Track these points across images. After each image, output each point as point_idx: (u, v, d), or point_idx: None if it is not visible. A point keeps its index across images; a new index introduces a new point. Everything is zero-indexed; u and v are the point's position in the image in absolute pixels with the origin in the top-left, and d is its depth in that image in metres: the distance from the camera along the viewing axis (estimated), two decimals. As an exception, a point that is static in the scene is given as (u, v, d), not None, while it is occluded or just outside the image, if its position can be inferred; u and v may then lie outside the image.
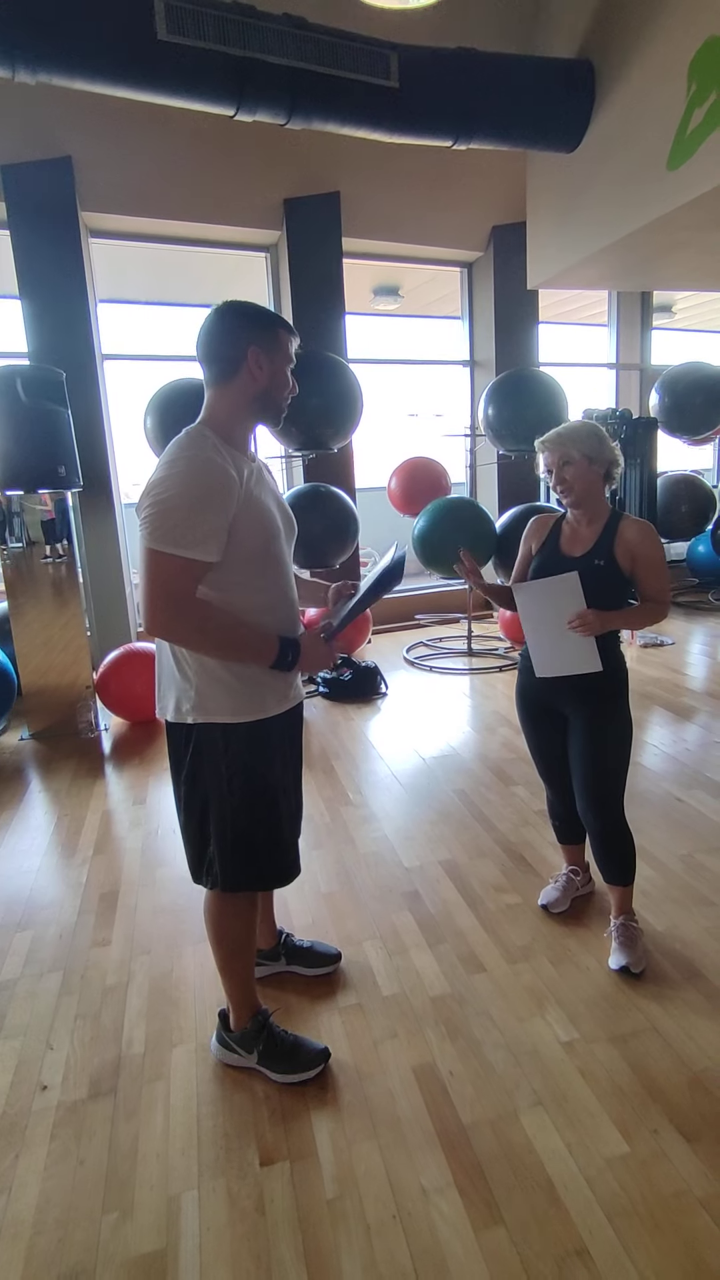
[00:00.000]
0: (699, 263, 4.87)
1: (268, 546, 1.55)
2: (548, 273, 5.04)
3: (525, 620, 2.04)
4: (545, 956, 2.12)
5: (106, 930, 2.36)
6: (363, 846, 2.80)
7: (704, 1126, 1.57)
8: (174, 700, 1.57)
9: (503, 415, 5.23)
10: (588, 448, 1.93)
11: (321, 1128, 1.62)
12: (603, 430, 1.97)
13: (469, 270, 6.38)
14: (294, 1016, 1.95)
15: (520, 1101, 1.65)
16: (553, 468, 1.96)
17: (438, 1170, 1.50)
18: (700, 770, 3.29)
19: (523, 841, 2.77)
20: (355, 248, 5.63)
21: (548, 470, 1.98)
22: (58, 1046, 1.88)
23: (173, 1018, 1.96)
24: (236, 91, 3.54)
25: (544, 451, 1.97)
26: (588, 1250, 1.33)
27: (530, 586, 2.00)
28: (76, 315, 4.76)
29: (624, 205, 4.17)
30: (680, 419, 6.08)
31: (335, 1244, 1.37)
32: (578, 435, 1.94)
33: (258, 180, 5.07)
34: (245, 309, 1.53)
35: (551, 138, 4.38)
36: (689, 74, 3.58)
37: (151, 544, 1.40)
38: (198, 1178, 1.51)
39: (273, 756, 1.63)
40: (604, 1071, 1.72)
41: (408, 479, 5.70)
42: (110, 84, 3.39)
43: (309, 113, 3.74)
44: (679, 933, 2.20)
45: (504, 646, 5.51)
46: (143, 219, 5.00)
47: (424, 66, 3.86)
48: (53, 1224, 1.43)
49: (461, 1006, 1.95)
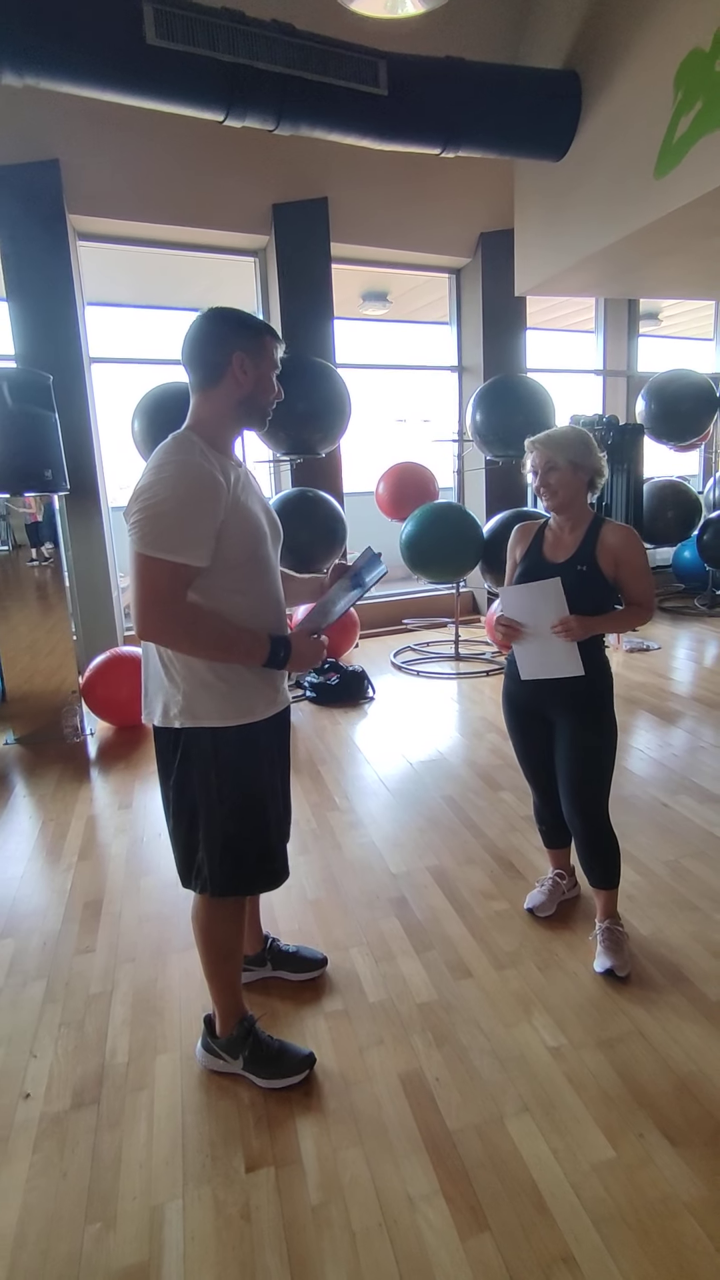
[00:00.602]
0: (685, 270, 4.92)
1: (254, 551, 1.56)
2: (535, 279, 5.07)
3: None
4: (532, 962, 2.13)
5: (91, 938, 2.34)
6: (350, 852, 2.79)
7: (690, 1131, 1.57)
8: (161, 705, 1.56)
9: (490, 421, 5.26)
10: (575, 454, 1.95)
11: (307, 1134, 1.61)
12: (592, 439, 1.99)
13: (457, 276, 6.41)
14: (280, 1022, 1.94)
15: (507, 1108, 1.65)
16: (538, 469, 1.97)
17: (424, 1177, 1.50)
18: (686, 775, 3.31)
19: (510, 847, 2.77)
20: (344, 253, 5.64)
21: (533, 471, 1.99)
22: (41, 1056, 1.86)
23: (157, 1026, 1.94)
24: (226, 97, 3.55)
25: (533, 452, 1.98)
26: (574, 1257, 1.33)
27: (514, 591, 2.01)
28: (64, 318, 4.74)
29: (611, 213, 4.20)
30: (666, 425, 6.13)
31: (321, 1251, 1.36)
32: (567, 441, 1.95)
33: (246, 185, 5.07)
34: (231, 315, 1.53)
35: (539, 146, 4.42)
36: (674, 83, 3.62)
37: (141, 549, 1.40)
38: (182, 1186, 1.50)
39: (261, 761, 1.63)
40: (590, 1077, 1.72)
41: (396, 484, 5.70)
42: (98, 88, 3.38)
43: (298, 119, 3.75)
44: (664, 937, 2.21)
45: (491, 651, 5.53)
46: (131, 222, 4.98)
47: (412, 75, 3.88)
48: (35, 1237, 1.41)
49: (448, 1013, 1.94)
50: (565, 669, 1.97)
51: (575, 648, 1.94)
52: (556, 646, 1.95)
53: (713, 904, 2.36)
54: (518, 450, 5.31)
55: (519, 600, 2.00)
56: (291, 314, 5.45)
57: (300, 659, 1.59)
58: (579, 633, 1.90)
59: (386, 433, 6.33)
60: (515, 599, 2.01)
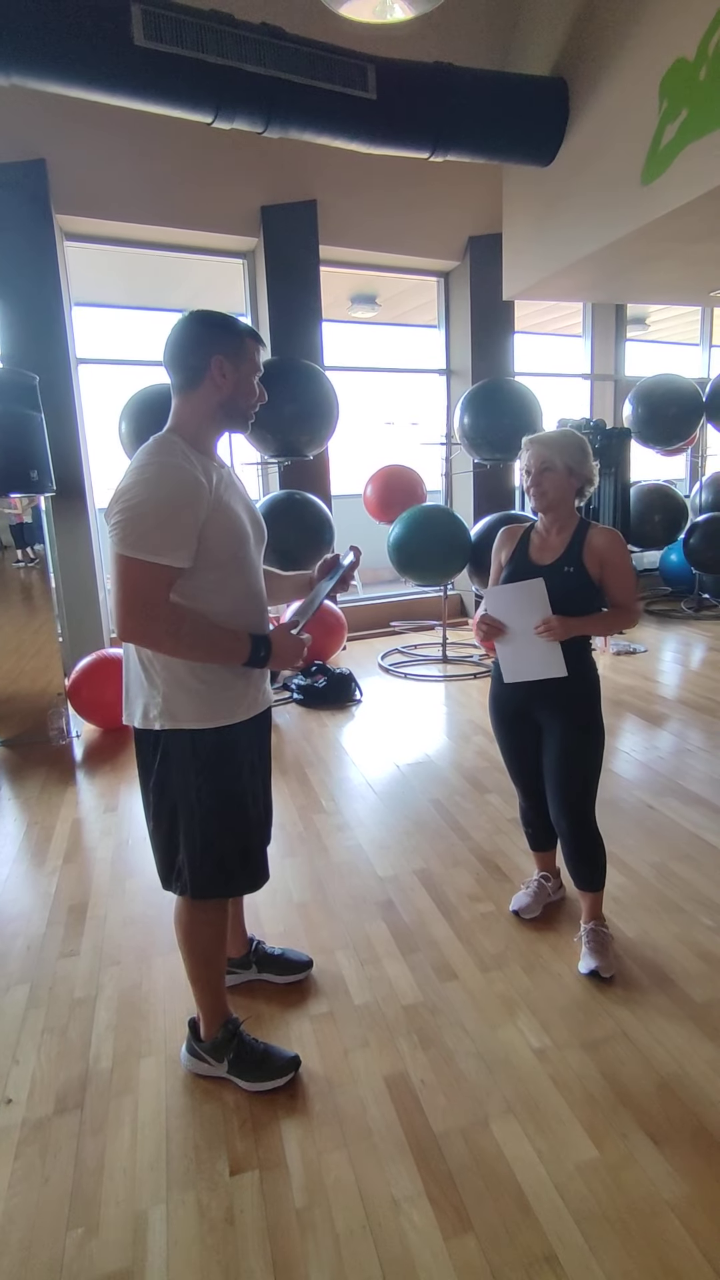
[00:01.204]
0: (672, 276, 4.96)
1: (236, 551, 1.56)
2: (523, 284, 5.10)
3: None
4: (518, 964, 2.13)
5: (75, 941, 2.32)
6: (336, 855, 2.79)
7: (672, 1130, 1.58)
8: (141, 706, 1.56)
9: (478, 424, 5.27)
10: (571, 459, 1.96)
11: (291, 1137, 1.60)
12: (588, 445, 2.01)
13: (445, 280, 6.43)
14: (265, 1025, 1.93)
15: (491, 1109, 1.65)
16: (532, 469, 1.98)
17: (408, 1179, 1.50)
18: (672, 778, 3.33)
19: (497, 850, 2.78)
20: (332, 256, 5.65)
21: (526, 470, 2.00)
22: (23, 1061, 1.84)
23: (141, 1030, 1.93)
24: (214, 99, 3.55)
25: (529, 450, 1.99)
26: (556, 1256, 1.33)
27: (497, 591, 2.03)
28: (50, 318, 4.71)
29: (598, 218, 4.23)
30: (653, 430, 6.17)
31: (305, 1254, 1.36)
32: (565, 444, 1.97)
33: (235, 187, 5.07)
34: (212, 318, 1.53)
35: (527, 151, 4.44)
36: (660, 92, 3.66)
37: (122, 550, 1.40)
38: (166, 1191, 1.49)
39: (241, 763, 1.63)
40: (575, 1078, 1.73)
41: (383, 487, 5.71)
42: (85, 88, 3.37)
43: (286, 122, 3.75)
44: (649, 939, 2.22)
45: (478, 654, 5.54)
46: (118, 223, 4.97)
47: (401, 79, 3.89)
48: (16, 1243, 1.40)
49: (434, 1015, 1.95)
50: (547, 670, 1.98)
51: (558, 648, 1.95)
52: (539, 647, 1.96)
53: (698, 906, 2.37)
54: (505, 453, 5.34)
55: (502, 600, 2.01)
56: (280, 316, 5.46)
57: (281, 656, 1.58)
58: (561, 633, 1.91)
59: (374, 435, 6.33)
60: (499, 599, 2.02)
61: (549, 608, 1.92)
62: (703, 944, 2.18)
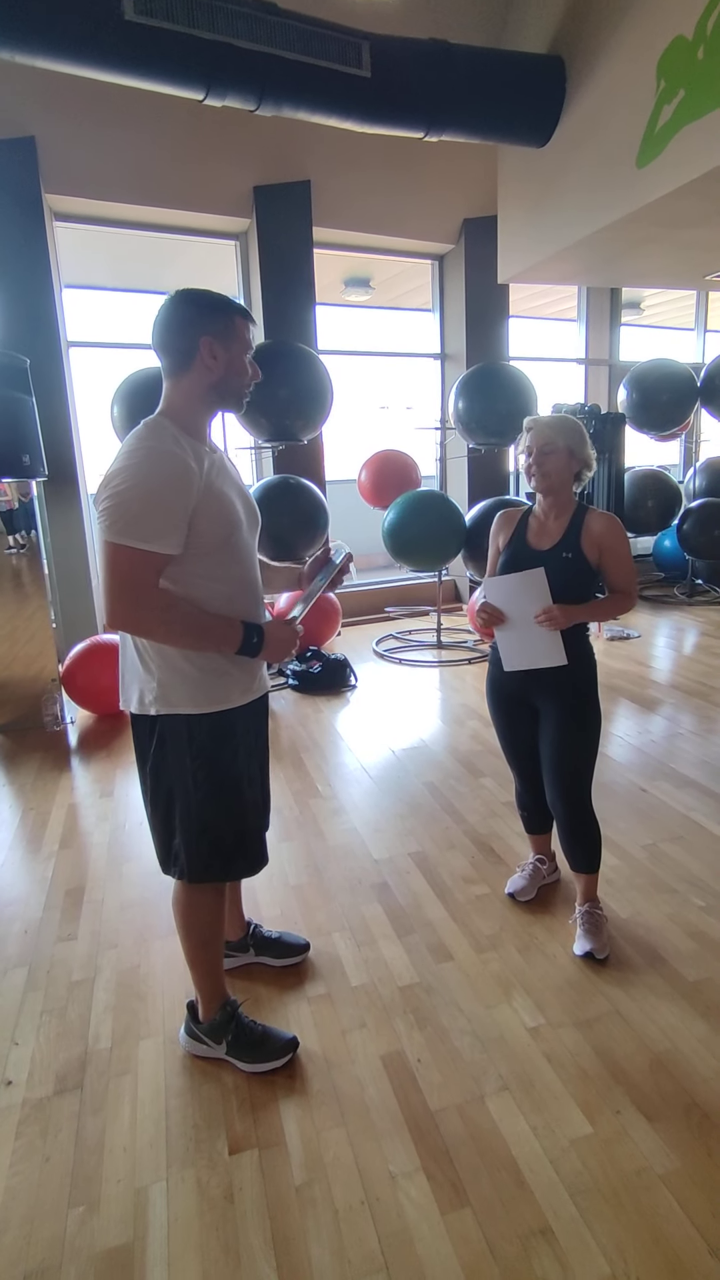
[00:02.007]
0: (667, 260, 4.93)
1: (229, 537, 1.54)
2: (518, 267, 5.07)
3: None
4: (512, 945, 2.15)
5: (73, 925, 2.33)
6: (332, 839, 2.80)
7: (664, 1106, 1.61)
8: (137, 692, 1.56)
9: (473, 409, 5.25)
10: (573, 441, 1.97)
11: (290, 1116, 1.62)
12: (586, 432, 2.01)
13: (440, 263, 6.38)
14: (263, 1007, 1.95)
15: (487, 1087, 1.67)
16: (533, 450, 1.97)
17: (405, 1155, 1.52)
18: (664, 761, 3.36)
19: (491, 833, 2.80)
20: (326, 237, 5.59)
21: (527, 452, 1.99)
22: (23, 1042, 1.86)
23: (140, 1012, 1.95)
24: (206, 75, 3.49)
25: (530, 431, 1.98)
26: (551, 1229, 1.36)
27: (497, 581, 2.02)
28: (40, 301, 4.65)
29: (593, 201, 4.20)
30: (647, 415, 6.16)
31: (304, 1229, 1.38)
32: (567, 428, 1.97)
33: (227, 166, 5.00)
34: (198, 297, 1.50)
35: (522, 132, 4.40)
36: (658, 72, 3.62)
37: (110, 537, 1.38)
38: (166, 1169, 1.51)
39: (237, 748, 1.63)
40: (569, 1055, 1.75)
41: (378, 472, 5.69)
42: (74, 63, 3.31)
43: (279, 99, 3.70)
44: (642, 919, 2.25)
45: (473, 639, 5.55)
46: (109, 203, 4.90)
47: (396, 57, 3.84)
48: (18, 1220, 1.42)
49: (430, 995, 1.97)
50: (548, 659, 1.98)
51: (558, 637, 1.95)
52: (539, 636, 1.96)
53: (690, 887, 2.40)
54: (500, 438, 5.32)
55: (503, 590, 2.01)
56: (273, 299, 5.40)
57: (275, 647, 1.57)
58: (562, 622, 1.92)
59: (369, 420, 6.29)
60: (499, 589, 2.02)
61: (550, 597, 1.93)
62: (694, 923, 2.21)
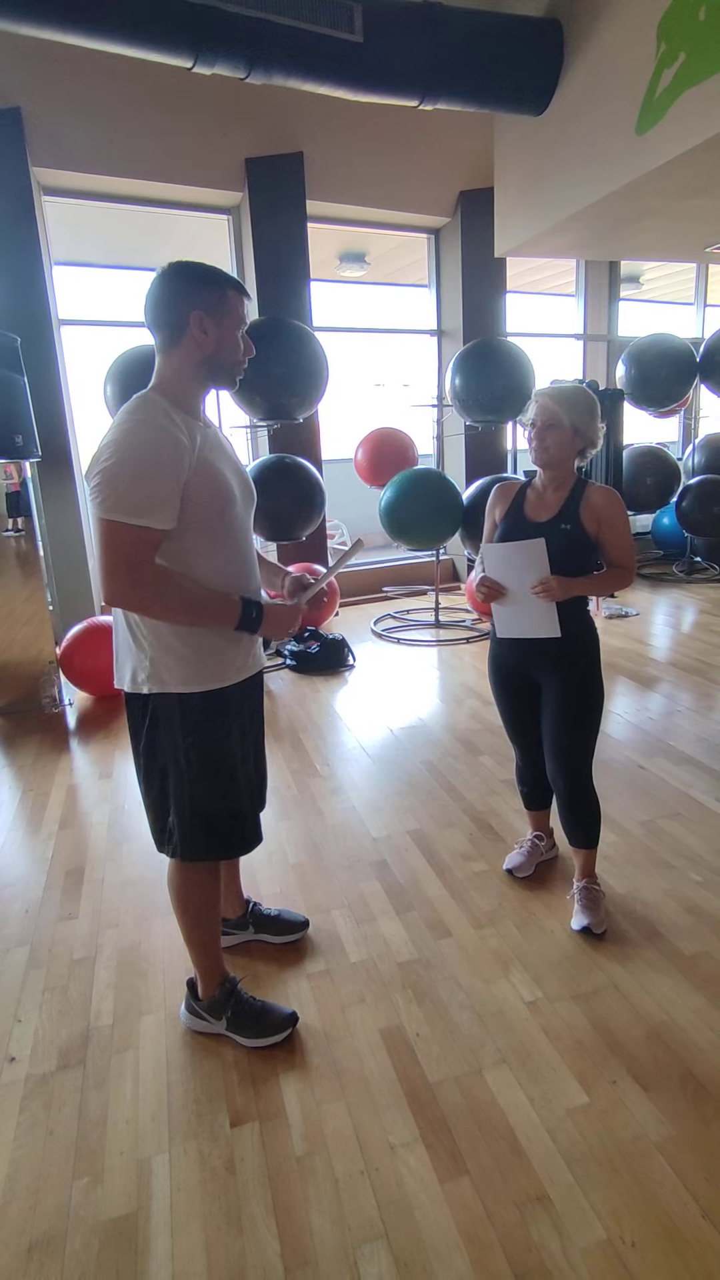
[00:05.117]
0: (667, 231, 4.85)
1: (223, 513, 1.52)
2: (515, 240, 4.98)
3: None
4: (510, 920, 2.17)
5: (73, 904, 2.35)
6: (331, 817, 2.82)
7: (660, 1076, 1.63)
8: (130, 670, 1.55)
9: (470, 385, 5.20)
10: (579, 419, 1.93)
11: (290, 1089, 1.64)
12: (598, 407, 1.97)
13: (436, 237, 6.28)
14: (262, 983, 1.97)
15: (485, 1059, 1.69)
16: (537, 423, 1.95)
17: (404, 1126, 1.54)
18: (662, 738, 3.37)
19: (489, 810, 2.81)
20: (320, 211, 5.50)
21: (531, 423, 1.97)
22: (25, 1020, 1.87)
23: (141, 989, 1.97)
24: (193, 41, 3.40)
25: (537, 403, 1.96)
26: (548, 1195, 1.38)
27: (496, 549, 2.01)
28: (30, 277, 4.58)
29: (592, 171, 4.12)
30: (646, 391, 6.10)
31: (305, 1199, 1.40)
32: (575, 403, 1.93)
33: (218, 138, 4.90)
34: (190, 270, 1.47)
35: (519, 99, 4.30)
36: (658, 34, 3.53)
37: (103, 513, 1.37)
38: (168, 1141, 1.53)
39: (230, 726, 1.62)
40: (566, 1028, 1.77)
41: (374, 450, 5.65)
42: (58, 29, 3.22)
43: (269, 66, 3.61)
44: (639, 895, 2.26)
45: (471, 618, 5.54)
46: (98, 176, 4.80)
47: (389, 20, 3.74)
48: (23, 1191, 1.44)
49: (428, 971, 1.98)
50: (540, 629, 1.98)
51: (554, 609, 1.95)
52: (535, 606, 1.96)
53: (687, 862, 2.41)
54: (498, 415, 5.27)
55: (501, 558, 2.00)
56: (267, 275, 5.32)
57: (275, 623, 1.57)
58: (559, 593, 1.91)
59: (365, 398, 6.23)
60: (497, 557, 2.01)
61: (548, 568, 1.91)
62: (691, 898, 2.23)
